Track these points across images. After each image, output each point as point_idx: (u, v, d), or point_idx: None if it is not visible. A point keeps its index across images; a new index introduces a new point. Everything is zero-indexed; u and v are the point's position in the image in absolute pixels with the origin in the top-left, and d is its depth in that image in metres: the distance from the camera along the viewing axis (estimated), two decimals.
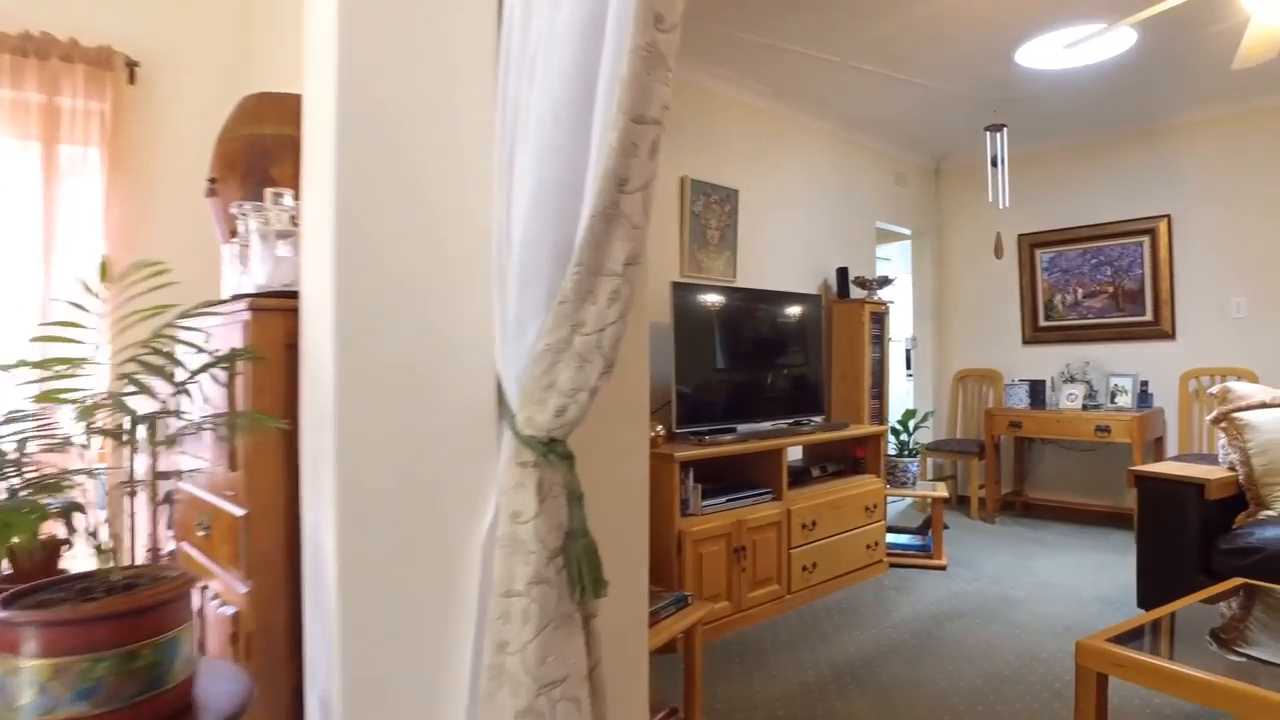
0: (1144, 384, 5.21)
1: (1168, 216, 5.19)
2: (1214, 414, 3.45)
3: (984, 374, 6.03)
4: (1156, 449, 5.19)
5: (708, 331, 3.78)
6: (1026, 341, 5.83)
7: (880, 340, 5.06)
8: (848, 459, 4.38)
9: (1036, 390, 5.62)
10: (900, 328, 7.58)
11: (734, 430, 3.81)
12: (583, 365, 1.21)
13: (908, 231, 6.24)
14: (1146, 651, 2.07)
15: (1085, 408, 5.19)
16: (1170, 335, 5.20)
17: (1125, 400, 5.03)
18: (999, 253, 4.99)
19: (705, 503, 3.37)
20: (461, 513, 1.37)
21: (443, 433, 1.36)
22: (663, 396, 3.88)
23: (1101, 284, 5.45)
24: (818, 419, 4.39)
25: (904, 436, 4.54)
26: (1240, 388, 3.50)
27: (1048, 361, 5.74)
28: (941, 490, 4.40)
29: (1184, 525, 3.23)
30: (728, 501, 3.46)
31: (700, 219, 4.30)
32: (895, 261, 7.19)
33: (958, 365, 6.22)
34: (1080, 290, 5.54)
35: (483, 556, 1.35)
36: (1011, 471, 5.89)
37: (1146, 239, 5.26)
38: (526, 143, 1.23)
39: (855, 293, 5.23)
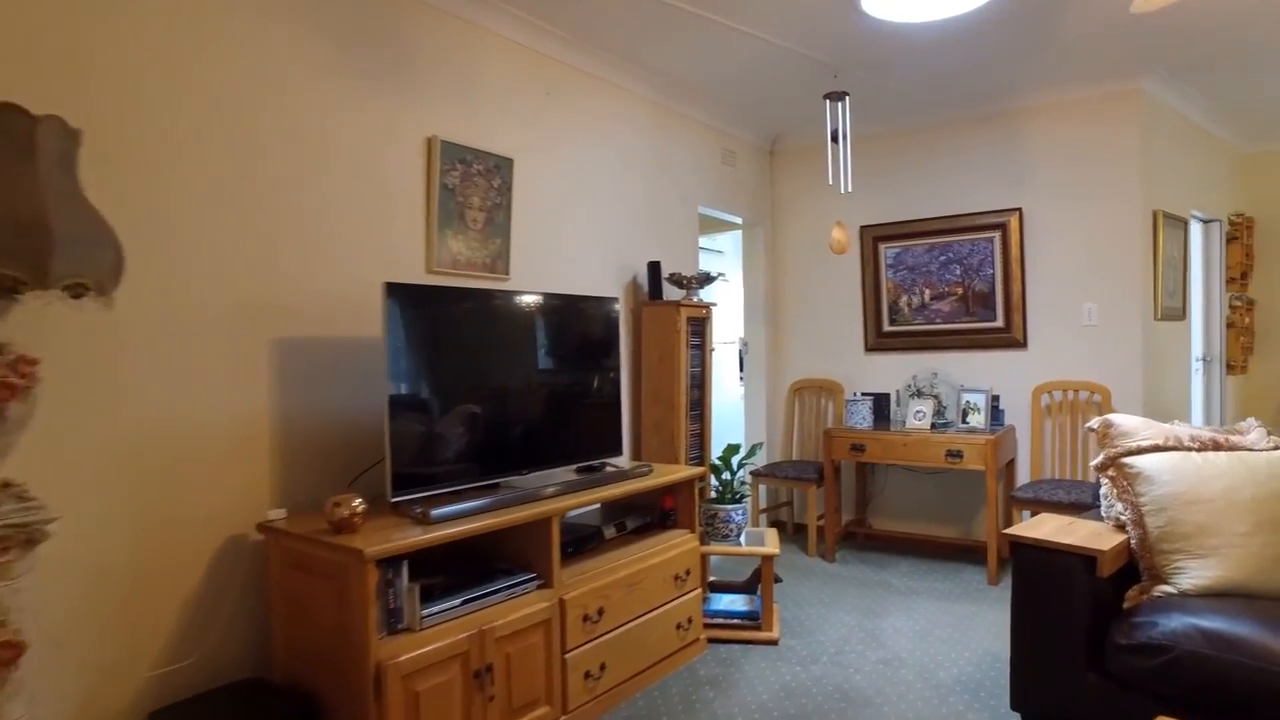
0: (995, 399, 4.57)
1: (1019, 210, 4.56)
2: (1099, 459, 2.70)
3: (823, 385, 5.27)
4: (1008, 474, 4.56)
5: (452, 352, 2.69)
6: (870, 349, 5.10)
7: (701, 351, 4.13)
8: (654, 509, 3.41)
9: (881, 406, 4.89)
10: (731, 333, 6.77)
11: (492, 486, 2.75)
12: None
13: (738, 220, 5.38)
14: None
15: (934, 426, 4.49)
16: (1021, 344, 4.58)
17: (977, 419, 4.35)
18: (838, 248, 4.20)
19: (429, 610, 2.28)
20: None
21: None
22: (371, 449, 2.75)
23: (951, 285, 4.77)
24: (617, 460, 3.39)
25: (727, 475, 3.63)
26: (1124, 422, 2.78)
27: (893, 372, 5.03)
28: (771, 545, 3.52)
29: (1070, 609, 2.45)
30: (465, 603, 2.39)
31: (456, 195, 3.19)
32: (730, 255, 6.34)
33: (794, 375, 5.44)
34: (928, 291, 4.85)
35: None
36: (853, 497, 5.15)
37: (998, 235, 4.61)
38: None
39: (671, 293, 4.28)
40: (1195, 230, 5.33)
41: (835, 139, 4.02)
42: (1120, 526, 2.62)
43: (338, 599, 2.15)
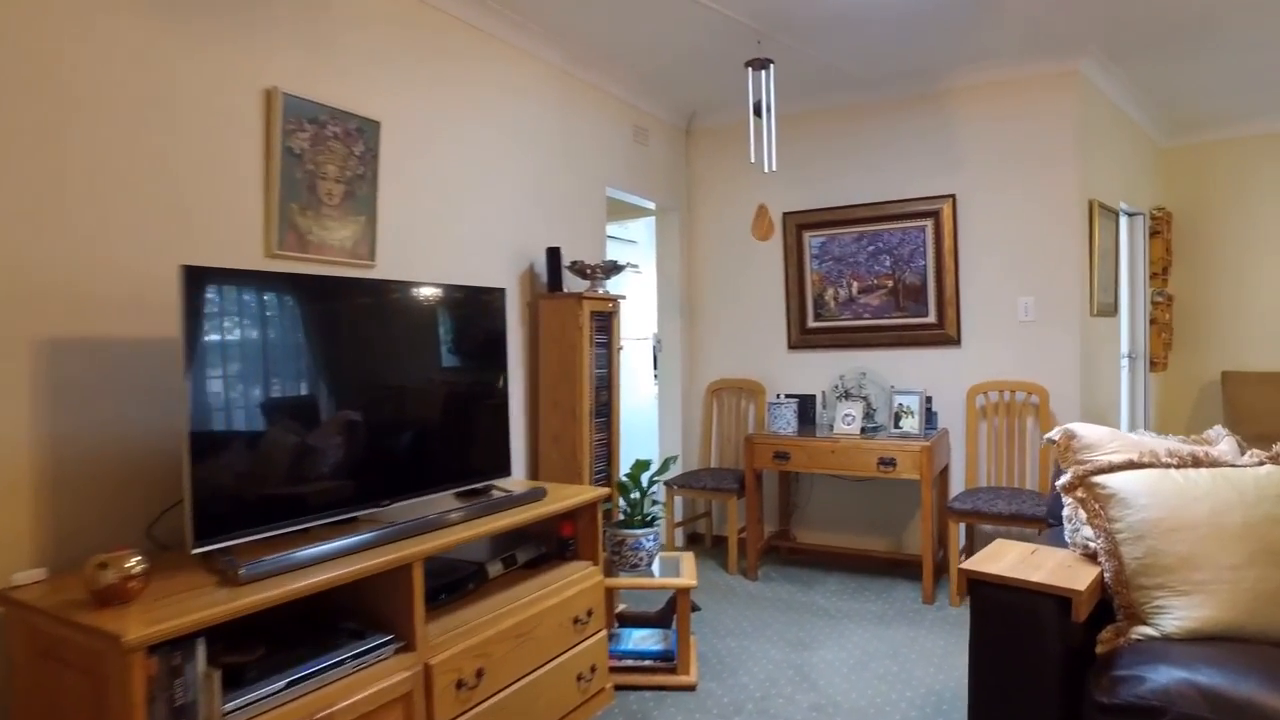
0: (929, 400, 4.23)
1: (952, 197, 4.23)
2: (1066, 477, 2.32)
3: (744, 386, 4.85)
4: (942, 481, 4.23)
5: (287, 355, 2.12)
6: (793, 346, 4.71)
7: (608, 349, 3.64)
8: (551, 538, 2.90)
9: (806, 409, 4.50)
10: (647, 329, 6.32)
11: (344, 522, 2.19)
12: None
13: (651, 205, 4.91)
14: None
15: (865, 431, 4.12)
16: (955, 341, 4.26)
17: (911, 423, 4.00)
18: (760, 234, 3.77)
19: (238, 702, 1.72)
20: None
21: None
22: (166, 488, 2.17)
23: (880, 277, 4.41)
24: (507, 482, 2.87)
25: (636, 494, 3.15)
26: (1088, 433, 2.42)
27: (819, 371, 4.64)
28: (688, 575, 3.05)
29: (1040, 660, 2.06)
30: (291, 684, 1.82)
31: (305, 162, 2.60)
32: (644, 245, 5.87)
33: (712, 375, 5.00)
34: (855, 284, 4.48)
35: None
36: (776, 507, 4.76)
37: (930, 224, 4.27)
38: None
39: (574, 284, 3.77)
40: (1123, 223, 5.14)
41: (758, 112, 3.58)
42: (1090, 555, 2.25)
43: (94, 703, 1.56)
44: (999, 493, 3.84)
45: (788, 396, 4.45)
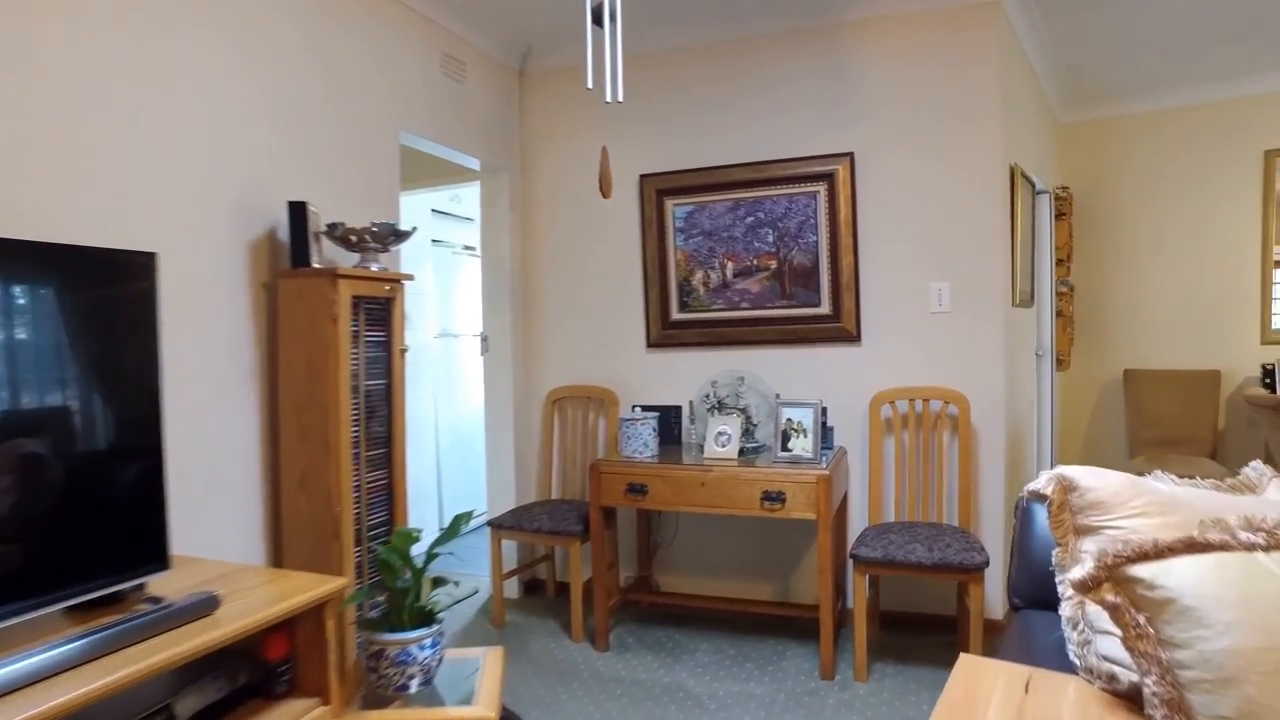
0: (824, 411, 3.34)
1: (850, 157, 3.35)
2: (1085, 570, 1.40)
3: (593, 394, 3.83)
4: (841, 516, 3.35)
5: None
6: (653, 344, 3.72)
7: (387, 351, 2.53)
8: (254, 663, 1.77)
9: (669, 425, 3.53)
10: (466, 322, 5.24)
11: None
12: None
13: (473, 164, 3.80)
14: None
15: (744, 453, 3.19)
16: (854, 337, 3.39)
17: (803, 445, 3.07)
18: (605, 187, 2.77)
19: None
20: None
21: None
22: None
23: (761, 256, 3.49)
24: (161, 580, 1.71)
25: (409, 576, 2.04)
26: (1094, 482, 1.53)
27: (685, 375, 3.68)
28: (484, 703, 1.98)
29: None
30: None
31: None
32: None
33: (554, 381, 3.95)
34: (731, 265, 3.54)
35: None
36: (634, 547, 3.77)
37: (823, 189, 3.38)
38: None
39: (336, 256, 2.63)
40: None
41: (598, 20, 2.55)
42: (1123, 693, 1.36)
43: None
44: (914, 531, 2.98)
45: (645, 410, 3.46)
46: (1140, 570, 1.31)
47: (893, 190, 3.32)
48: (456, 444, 5.08)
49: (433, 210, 5.06)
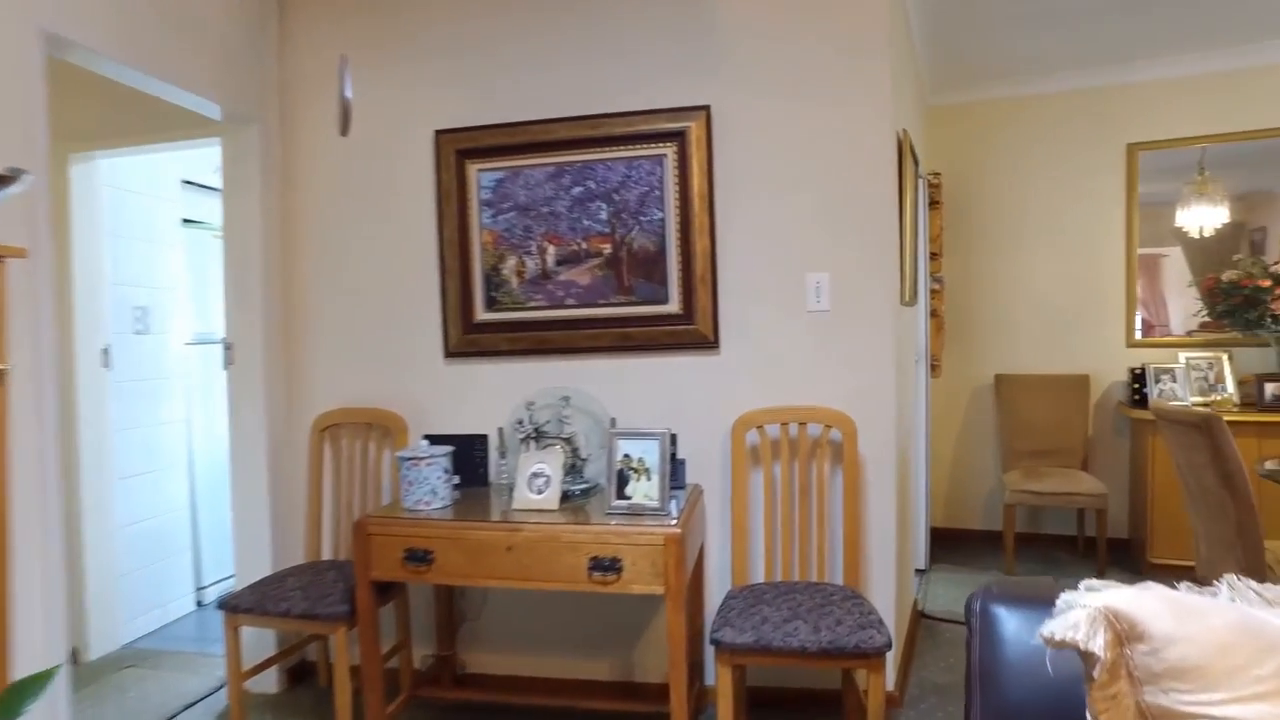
0: (671, 438, 2.56)
1: (705, 111, 2.60)
2: None
3: (375, 420, 2.89)
4: (698, 579, 2.58)
5: None
6: (454, 352, 2.83)
7: None
8: None
9: (470, 462, 2.66)
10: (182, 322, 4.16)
11: None
12: None
13: (212, 111, 2.78)
14: None
15: (568, 499, 2.37)
16: (711, 343, 2.64)
17: (646, 488, 2.28)
18: (344, 121, 1.89)
19: None
20: None
21: None
22: None
23: (592, 238, 2.68)
24: None
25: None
26: (1175, 629, 0.81)
27: (495, 393, 2.82)
28: None
29: None
30: None
31: None
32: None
33: (323, 403, 2.98)
34: (553, 249, 2.71)
35: None
36: (433, 619, 2.87)
37: (671, 151, 2.62)
38: None
39: None
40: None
41: None
42: None
43: None
44: (793, 598, 2.25)
45: (437, 442, 2.57)
46: None
47: (759, 155, 2.60)
48: (218, 483, 3.97)
49: (184, 181, 3.94)
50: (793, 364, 2.59)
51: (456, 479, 2.59)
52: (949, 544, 4.72)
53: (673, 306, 2.62)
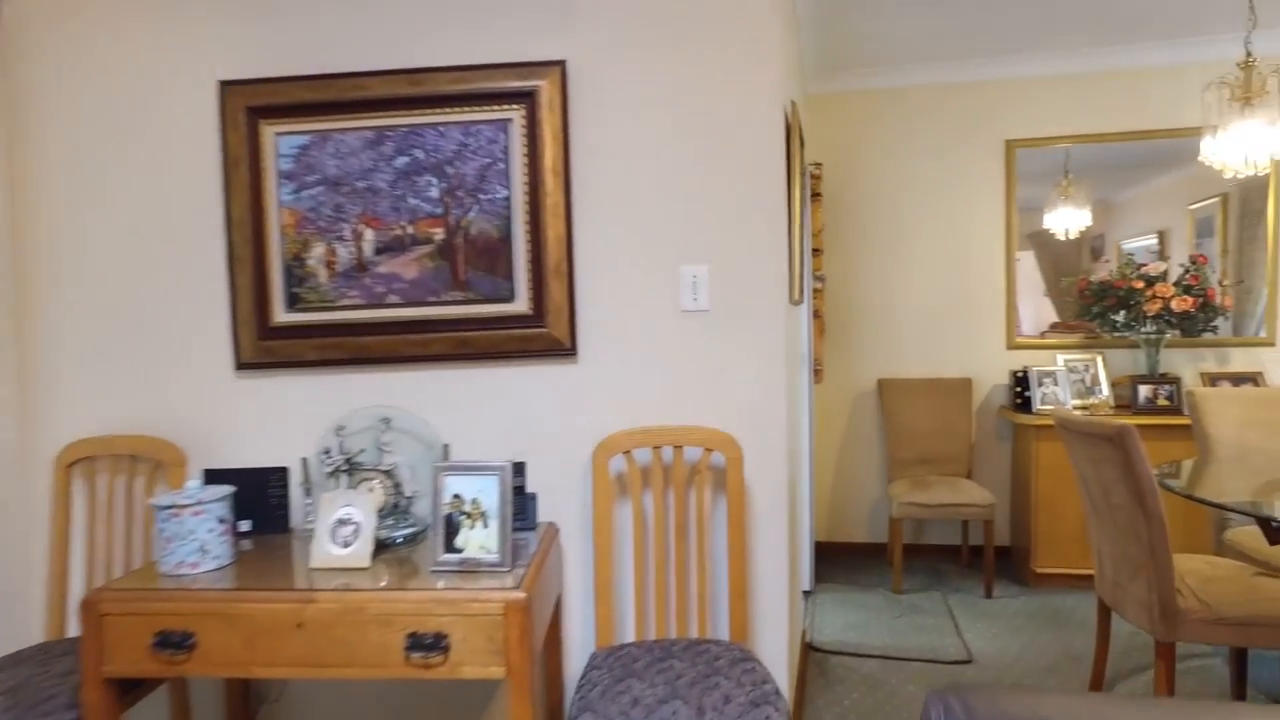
0: (519, 468, 2.09)
1: (560, 67, 2.13)
2: None
3: (142, 451, 2.26)
4: (553, 641, 2.11)
5: None
6: (247, 363, 2.24)
7: None
8: None
9: (263, 501, 2.09)
10: None
11: None
12: None
13: None
14: None
15: (387, 548, 1.86)
16: (568, 350, 2.17)
17: (483, 537, 1.79)
18: None
19: None
20: None
21: None
22: None
23: (420, 220, 2.16)
24: None
25: None
26: None
27: (299, 413, 2.25)
28: None
29: None
30: None
31: None
32: None
33: (70, 431, 2.32)
34: (372, 234, 2.18)
35: None
36: (222, 702, 2.27)
37: (518, 116, 2.14)
38: None
39: None
40: None
41: None
42: None
43: None
44: (669, 664, 1.82)
45: (219, 478, 1.99)
46: None
47: (626, 122, 2.16)
48: None
49: None
50: (665, 375, 2.16)
51: (246, 525, 2.02)
52: (833, 559, 4.45)
53: (520, 305, 2.14)
